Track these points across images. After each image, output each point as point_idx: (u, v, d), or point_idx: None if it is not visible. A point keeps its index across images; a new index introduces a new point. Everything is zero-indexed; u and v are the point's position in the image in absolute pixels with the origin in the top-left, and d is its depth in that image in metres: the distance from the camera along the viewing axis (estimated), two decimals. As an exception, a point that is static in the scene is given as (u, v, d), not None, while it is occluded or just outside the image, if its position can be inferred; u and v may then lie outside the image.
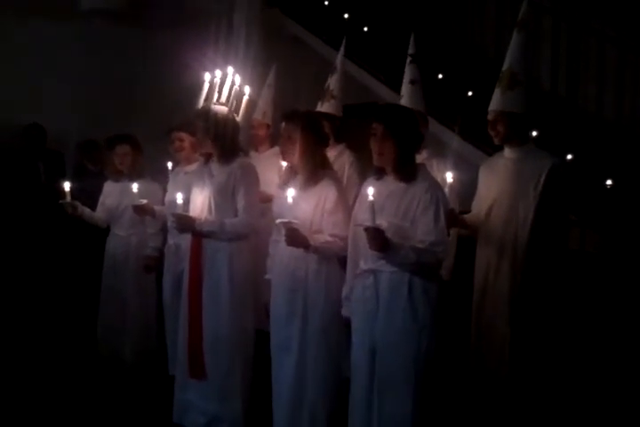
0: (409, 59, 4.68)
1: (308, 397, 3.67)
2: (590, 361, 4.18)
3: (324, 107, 5.07)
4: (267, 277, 3.95)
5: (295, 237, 3.52)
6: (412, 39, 4.72)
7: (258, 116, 5.49)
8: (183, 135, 4.83)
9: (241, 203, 4.03)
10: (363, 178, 4.60)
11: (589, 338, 4.25)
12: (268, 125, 5.53)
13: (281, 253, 3.78)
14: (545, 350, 3.66)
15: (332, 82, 5.16)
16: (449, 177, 3.76)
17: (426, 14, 7.49)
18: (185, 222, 4.04)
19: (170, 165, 4.94)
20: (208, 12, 7.32)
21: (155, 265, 5.13)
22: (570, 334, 4.07)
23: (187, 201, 4.10)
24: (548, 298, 3.64)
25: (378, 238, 3.13)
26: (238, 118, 4.11)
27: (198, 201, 4.10)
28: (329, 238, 3.62)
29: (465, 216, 3.91)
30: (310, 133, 3.70)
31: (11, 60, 7.18)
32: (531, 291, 3.64)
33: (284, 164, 4.05)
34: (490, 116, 3.79)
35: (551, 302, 3.65)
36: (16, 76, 7.14)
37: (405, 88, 4.62)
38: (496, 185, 3.82)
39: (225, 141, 4.03)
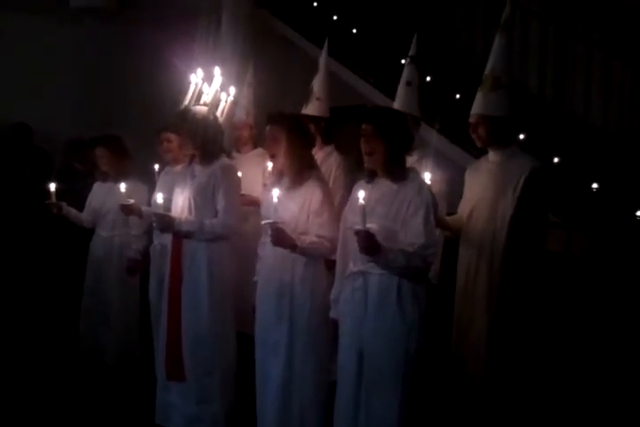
0: (408, 59, 4.60)
1: (296, 400, 3.66)
2: (574, 363, 4.20)
3: (308, 109, 5.04)
4: (255, 279, 3.93)
5: (281, 238, 3.51)
6: (414, 40, 4.62)
7: (241, 116, 5.45)
8: (171, 136, 4.79)
9: (221, 204, 4.02)
10: (350, 180, 4.60)
11: (575, 340, 4.28)
12: (251, 126, 5.50)
13: (268, 256, 3.77)
14: (523, 352, 3.67)
15: (316, 83, 5.13)
16: (427, 178, 3.76)
17: (415, 17, 7.50)
18: (165, 222, 4.03)
19: (157, 167, 4.92)
20: (197, 12, 7.31)
21: (137, 267, 5.11)
22: (554, 336, 4.09)
23: (169, 201, 4.09)
24: (526, 299, 3.64)
25: (369, 242, 3.12)
26: (221, 119, 4.09)
27: (179, 201, 4.10)
28: (315, 239, 3.62)
29: (448, 218, 3.92)
30: (296, 135, 3.70)
31: (-2, 59, 7.17)
32: (508, 292, 3.65)
33: (270, 165, 4.05)
34: (471, 119, 3.79)
35: (530, 304, 3.65)
36: (3, 75, 7.11)
37: (401, 89, 4.56)
38: (478, 187, 3.83)
39: (205, 142, 4.02)
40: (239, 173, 4.26)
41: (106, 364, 5.17)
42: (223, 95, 4.07)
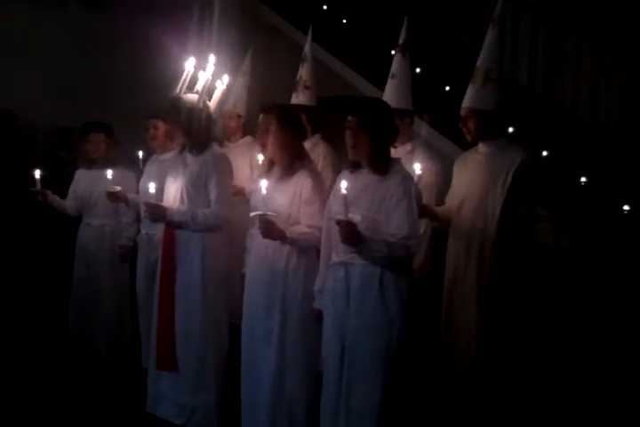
0: (397, 48, 4.48)
1: (287, 389, 3.65)
2: (564, 355, 4.22)
3: (299, 98, 5.00)
4: (244, 270, 3.89)
5: (270, 230, 3.49)
6: (404, 26, 4.48)
7: (228, 106, 5.40)
8: (158, 123, 4.75)
9: (213, 193, 3.98)
10: (336, 170, 4.57)
11: (564, 332, 4.29)
12: (239, 116, 5.45)
13: (258, 247, 3.74)
14: (512, 344, 3.67)
15: (304, 72, 5.07)
16: (417, 168, 3.74)
17: (405, 8, 7.47)
18: (156, 212, 3.98)
19: (141, 154, 4.87)
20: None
21: (129, 255, 5.07)
22: (544, 328, 4.10)
23: (160, 190, 4.05)
24: (516, 292, 3.65)
25: (350, 232, 3.11)
26: (212, 108, 4.05)
27: (171, 191, 4.06)
28: (306, 229, 3.60)
29: (436, 208, 3.91)
30: (287, 126, 3.67)
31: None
32: (499, 283, 3.65)
33: (261, 156, 4.01)
34: (462, 113, 3.78)
35: (520, 296, 3.66)
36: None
37: (388, 83, 4.48)
38: (468, 179, 3.83)
39: (195, 131, 3.97)
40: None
41: (98, 352, 5.13)
42: (219, 83, 4.02)
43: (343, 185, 3.09)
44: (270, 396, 3.65)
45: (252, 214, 3.53)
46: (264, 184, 3.41)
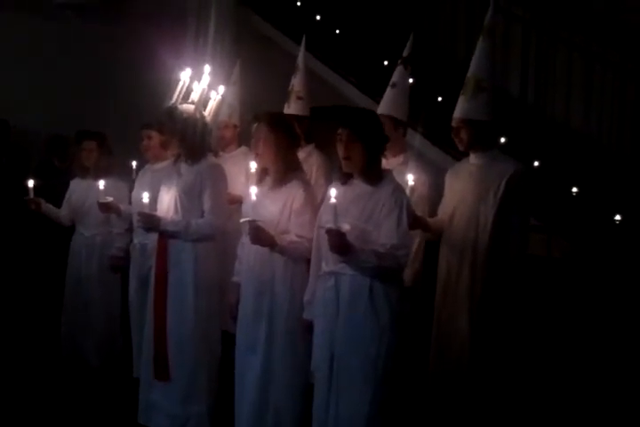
0: (399, 60, 4.50)
1: (272, 400, 3.65)
2: (555, 366, 4.23)
3: (291, 108, 5.00)
4: (234, 279, 3.91)
5: (259, 236, 3.50)
6: (410, 41, 4.49)
7: (223, 117, 5.40)
8: (152, 133, 4.77)
9: (207, 204, 3.99)
10: (330, 180, 4.59)
11: (556, 342, 4.31)
12: (234, 126, 5.46)
13: (247, 256, 3.76)
14: (505, 354, 3.68)
15: (296, 82, 5.08)
16: (410, 179, 3.75)
17: (398, 19, 7.51)
18: (150, 221, 4.00)
19: (134, 164, 4.88)
20: (180, 10, 7.27)
21: (120, 265, 5.07)
22: (536, 338, 4.11)
23: (154, 200, 4.06)
24: (508, 302, 3.66)
25: (338, 241, 3.11)
26: (208, 118, 4.06)
27: (165, 200, 4.07)
28: (295, 239, 3.61)
29: (429, 219, 3.92)
30: (282, 135, 3.69)
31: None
32: (491, 294, 3.65)
33: (253, 164, 4.02)
34: (453, 123, 3.79)
35: (512, 306, 3.66)
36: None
37: (387, 91, 4.48)
38: (459, 190, 3.84)
39: (191, 141, 3.99)
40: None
41: (89, 364, 5.12)
42: (213, 94, 4.03)
43: (333, 194, 3.10)
44: (253, 407, 3.66)
45: (241, 220, 3.55)
46: (254, 191, 3.44)
